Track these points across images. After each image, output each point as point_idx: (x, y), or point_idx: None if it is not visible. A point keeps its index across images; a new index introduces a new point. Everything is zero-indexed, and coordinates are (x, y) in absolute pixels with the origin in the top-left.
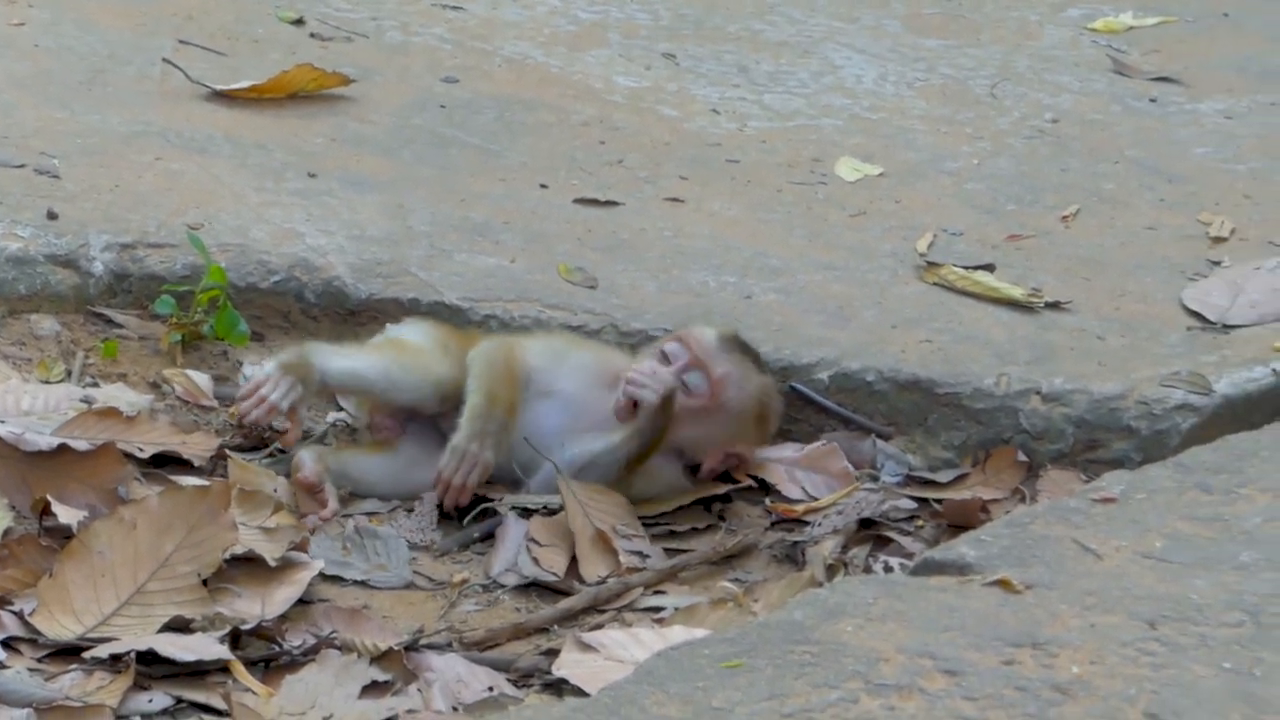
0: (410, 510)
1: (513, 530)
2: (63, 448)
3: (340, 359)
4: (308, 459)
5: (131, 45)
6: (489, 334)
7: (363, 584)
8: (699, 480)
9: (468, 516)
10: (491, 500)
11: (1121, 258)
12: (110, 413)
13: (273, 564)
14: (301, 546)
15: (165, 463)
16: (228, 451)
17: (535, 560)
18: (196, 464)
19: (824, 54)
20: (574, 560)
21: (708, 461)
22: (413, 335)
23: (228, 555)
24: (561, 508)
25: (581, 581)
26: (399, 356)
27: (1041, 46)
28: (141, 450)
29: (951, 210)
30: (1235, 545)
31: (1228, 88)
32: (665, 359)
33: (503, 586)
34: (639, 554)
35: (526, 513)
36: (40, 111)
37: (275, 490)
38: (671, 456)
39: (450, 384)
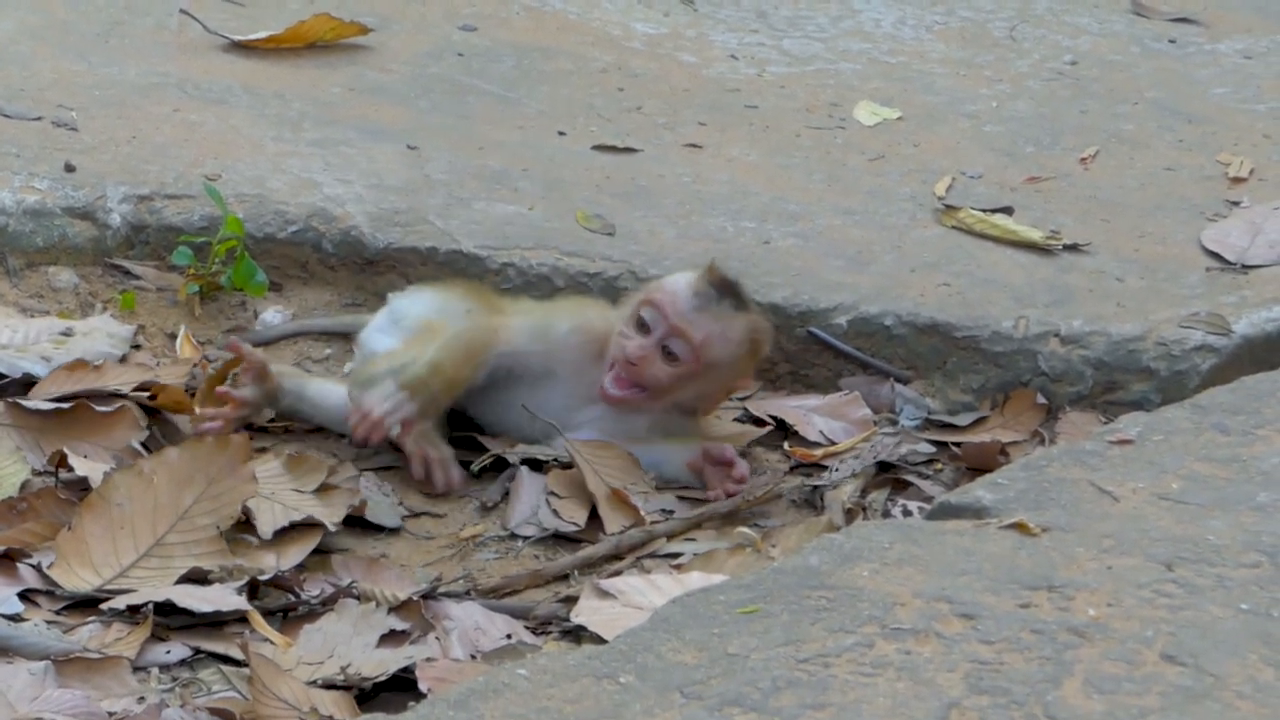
0: None
1: (528, 483)
2: (77, 407)
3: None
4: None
5: None
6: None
7: (381, 532)
8: (704, 415)
9: (477, 464)
10: (499, 452)
11: (1140, 199)
12: (79, 365)
13: (332, 529)
14: (360, 510)
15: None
16: (206, 361)
17: (555, 512)
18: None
19: None
20: (594, 515)
21: (705, 407)
22: (430, 311)
23: (286, 523)
24: (573, 464)
25: (604, 533)
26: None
27: None
28: (121, 389)
29: (970, 153)
30: (1252, 486)
31: (1247, 28)
32: (644, 327)
33: (522, 537)
34: (662, 510)
35: (538, 465)
36: (57, 64)
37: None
38: (673, 410)
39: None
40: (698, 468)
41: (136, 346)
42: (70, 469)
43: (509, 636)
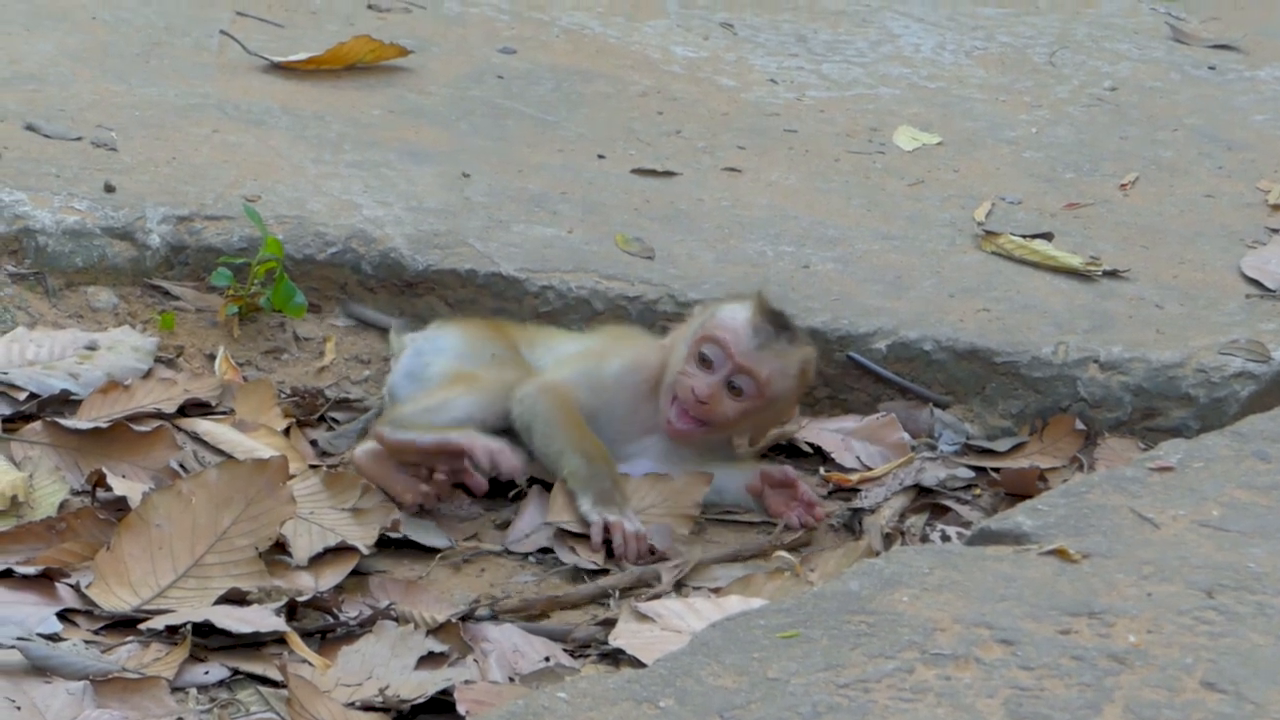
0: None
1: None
2: (115, 428)
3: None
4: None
5: (189, 17)
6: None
7: (418, 553)
8: (752, 450)
9: (512, 493)
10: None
11: (1180, 226)
12: (112, 387)
13: (365, 552)
14: (394, 528)
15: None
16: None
17: (572, 549)
18: (214, 404)
19: (882, 23)
20: None
21: (757, 437)
22: (455, 360)
23: (320, 549)
24: None
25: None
26: (479, 389)
27: (1100, 14)
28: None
29: (1010, 179)
30: None
31: None
32: (705, 363)
33: (560, 561)
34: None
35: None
36: (97, 84)
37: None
38: (724, 439)
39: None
40: (757, 491)
41: (166, 362)
42: (109, 489)
43: (547, 659)
